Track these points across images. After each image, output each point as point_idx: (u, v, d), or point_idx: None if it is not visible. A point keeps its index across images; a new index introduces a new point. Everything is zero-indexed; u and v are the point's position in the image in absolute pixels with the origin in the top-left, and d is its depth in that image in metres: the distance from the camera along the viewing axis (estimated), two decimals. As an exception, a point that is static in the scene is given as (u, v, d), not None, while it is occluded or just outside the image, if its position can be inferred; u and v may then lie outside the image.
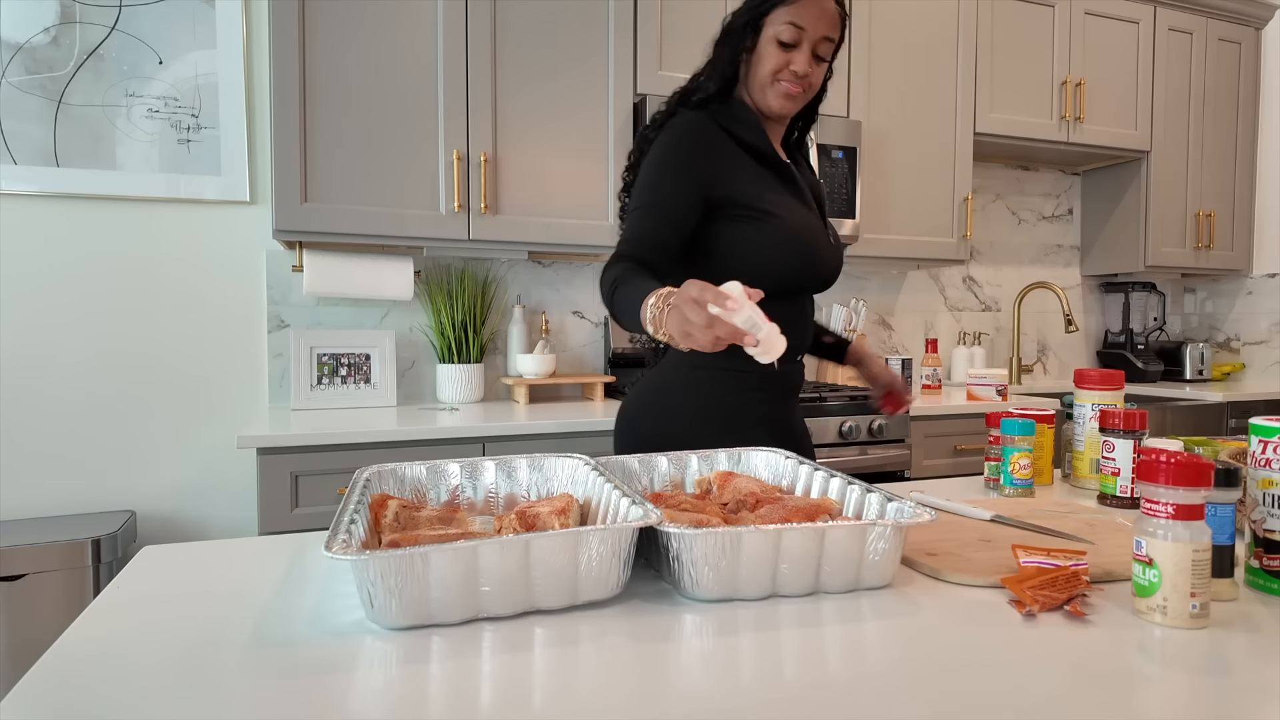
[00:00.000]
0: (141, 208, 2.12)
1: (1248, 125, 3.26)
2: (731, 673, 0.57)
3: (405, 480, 0.89)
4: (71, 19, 2.02)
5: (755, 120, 1.23)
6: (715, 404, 1.23)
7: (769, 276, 1.18)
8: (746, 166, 1.22)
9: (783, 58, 1.20)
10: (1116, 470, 1.10)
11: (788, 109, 1.23)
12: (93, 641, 0.62)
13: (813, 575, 0.72)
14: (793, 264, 1.21)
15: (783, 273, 1.20)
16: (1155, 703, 0.53)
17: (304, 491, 1.77)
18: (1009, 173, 3.23)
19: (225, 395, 2.20)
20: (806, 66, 1.20)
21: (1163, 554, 0.66)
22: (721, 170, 1.19)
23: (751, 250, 1.19)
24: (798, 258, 1.21)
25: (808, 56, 1.20)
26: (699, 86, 1.26)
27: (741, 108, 1.24)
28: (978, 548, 0.86)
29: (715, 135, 1.20)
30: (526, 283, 2.49)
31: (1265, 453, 0.74)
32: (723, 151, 1.20)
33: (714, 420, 1.22)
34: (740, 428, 1.23)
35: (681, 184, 1.17)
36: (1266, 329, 3.28)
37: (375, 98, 2.01)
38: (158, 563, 0.82)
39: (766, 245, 1.19)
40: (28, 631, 1.75)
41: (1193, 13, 3.09)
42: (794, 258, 1.21)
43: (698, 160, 1.18)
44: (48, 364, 2.05)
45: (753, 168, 1.23)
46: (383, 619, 0.64)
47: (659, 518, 0.69)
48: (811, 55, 1.21)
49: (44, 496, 2.05)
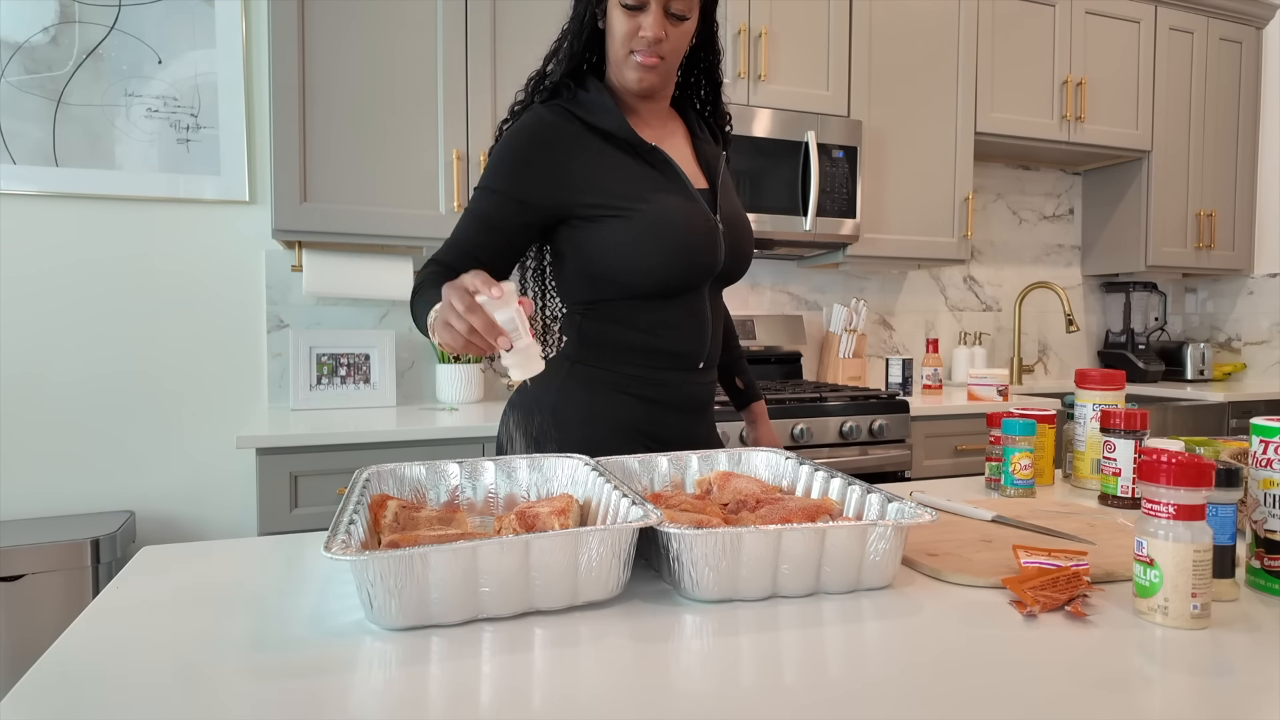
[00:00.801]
0: (141, 207, 2.12)
1: (1249, 125, 3.26)
2: (732, 673, 0.57)
3: (405, 480, 0.89)
4: (71, 19, 2.02)
5: (610, 104, 1.10)
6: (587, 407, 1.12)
7: (636, 275, 1.08)
8: (604, 158, 1.09)
9: (631, 24, 1.06)
10: (1118, 470, 1.10)
11: (647, 82, 1.10)
12: (92, 642, 0.62)
13: (813, 576, 0.72)
14: (663, 259, 1.07)
15: (652, 269, 1.08)
16: (1156, 703, 0.53)
17: (303, 492, 1.77)
18: (1010, 172, 3.23)
19: (224, 395, 2.20)
20: (658, 29, 1.05)
21: (1164, 554, 0.66)
22: (566, 169, 1.08)
23: (608, 250, 1.08)
24: (670, 252, 1.07)
25: (658, 18, 1.05)
26: (547, 73, 1.15)
27: (596, 91, 1.11)
28: (978, 548, 0.86)
29: (559, 131, 1.08)
30: (526, 282, 2.49)
31: (1266, 453, 0.74)
32: (569, 147, 1.08)
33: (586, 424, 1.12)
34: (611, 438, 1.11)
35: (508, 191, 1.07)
36: (1267, 329, 3.28)
37: (375, 97, 2.01)
38: (157, 563, 0.82)
39: (626, 242, 1.07)
40: (27, 631, 1.75)
41: (1193, 12, 3.09)
42: (664, 252, 1.07)
43: (531, 163, 1.07)
44: (47, 364, 2.05)
45: (612, 158, 1.09)
46: (382, 620, 0.64)
47: (659, 518, 0.69)
48: (664, 14, 1.06)
49: (44, 496, 2.05)
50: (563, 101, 1.11)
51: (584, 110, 1.10)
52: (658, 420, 1.15)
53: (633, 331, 1.12)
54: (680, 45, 1.10)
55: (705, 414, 1.21)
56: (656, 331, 1.12)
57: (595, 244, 1.09)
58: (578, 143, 1.09)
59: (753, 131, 2.33)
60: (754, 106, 2.35)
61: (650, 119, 1.17)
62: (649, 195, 1.08)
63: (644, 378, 1.13)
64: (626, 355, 1.12)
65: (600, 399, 1.12)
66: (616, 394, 1.12)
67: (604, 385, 1.12)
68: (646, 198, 1.08)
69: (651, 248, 1.07)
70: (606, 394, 1.12)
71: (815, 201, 2.38)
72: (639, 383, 1.13)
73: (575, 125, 1.09)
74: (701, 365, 1.16)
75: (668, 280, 1.09)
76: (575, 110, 1.10)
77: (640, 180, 1.09)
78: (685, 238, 1.08)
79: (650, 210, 1.07)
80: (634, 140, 1.09)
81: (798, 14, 2.44)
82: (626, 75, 1.10)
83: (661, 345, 1.12)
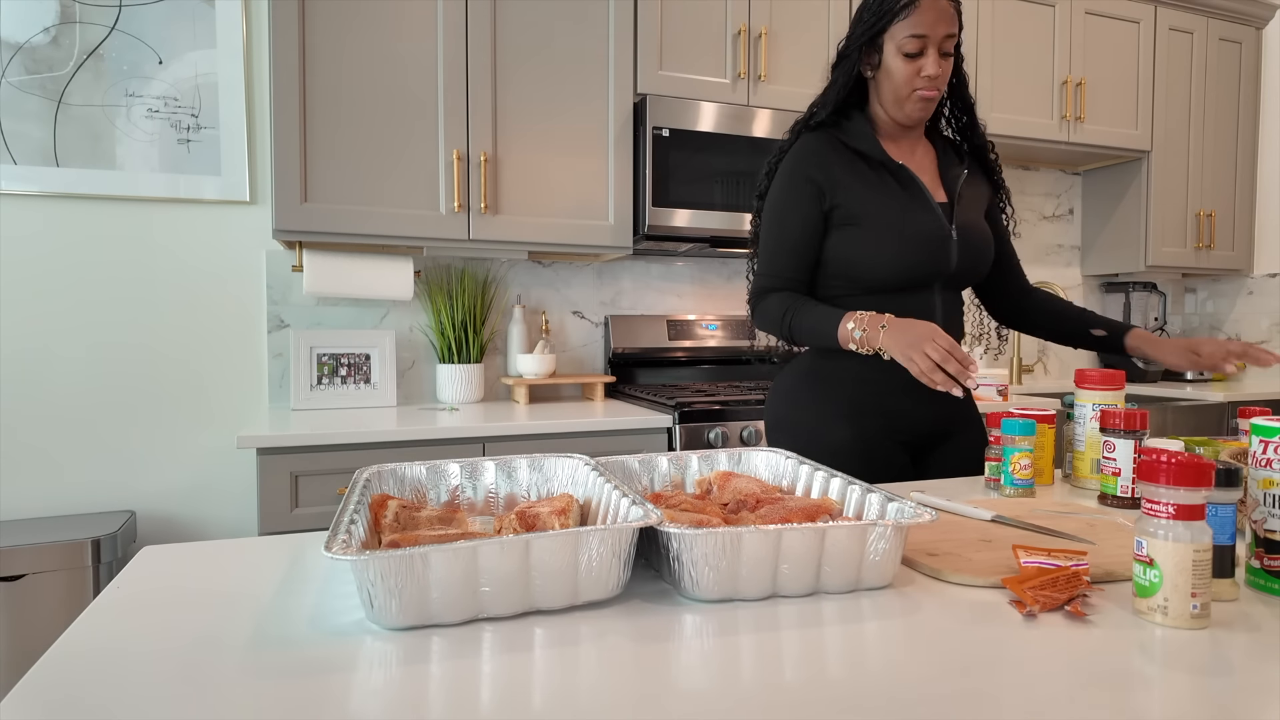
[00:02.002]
0: (141, 207, 2.12)
1: (1248, 125, 3.26)
2: (732, 673, 0.57)
3: (405, 480, 0.89)
4: (71, 19, 2.02)
5: (868, 131, 1.31)
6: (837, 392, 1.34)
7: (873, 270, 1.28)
8: (861, 174, 1.30)
9: (912, 67, 1.26)
10: (1117, 470, 1.10)
11: (928, 112, 1.30)
12: (93, 641, 0.62)
13: (813, 575, 0.72)
14: (894, 258, 1.27)
15: (886, 265, 1.27)
16: (1156, 703, 0.53)
17: (304, 492, 1.77)
18: (1010, 172, 3.23)
19: (225, 395, 2.20)
20: (936, 68, 1.25)
21: (1163, 554, 0.66)
22: (834, 177, 1.30)
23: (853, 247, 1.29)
24: (901, 252, 1.27)
25: (935, 59, 1.25)
26: (814, 112, 1.36)
27: (858, 121, 1.33)
28: (978, 548, 0.86)
29: (828, 147, 1.31)
30: (526, 283, 2.49)
31: (1266, 453, 0.74)
32: (835, 160, 1.30)
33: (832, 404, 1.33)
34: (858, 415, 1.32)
35: (801, 207, 1.31)
36: (1267, 329, 3.28)
37: (375, 97, 2.01)
38: (158, 563, 0.82)
39: (868, 241, 1.28)
40: (28, 631, 1.75)
41: (1193, 12, 3.09)
42: (897, 252, 1.27)
43: (811, 173, 1.30)
44: (47, 363, 2.05)
45: (865, 174, 1.31)
46: (382, 619, 0.64)
47: (659, 518, 0.69)
48: (939, 55, 1.26)
49: (44, 496, 2.05)
50: (828, 130, 1.34)
51: (845, 135, 1.33)
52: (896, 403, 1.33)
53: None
54: (948, 76, 1.30)
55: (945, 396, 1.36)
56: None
57: (844, 243, 1.30)
58: (837, 160, 1.31)
59: (753, 132, 2.32)
60: (754, 106, 2.35)
61: (903, 143, 1.37)
62: (889, 205, 1.29)
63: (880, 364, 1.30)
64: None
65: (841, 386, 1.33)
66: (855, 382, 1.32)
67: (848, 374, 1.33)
68: (887, 206, 1.28)
69: (887, 248, 1.27)
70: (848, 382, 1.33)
71: (815, 201, 2.38)
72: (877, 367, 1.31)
73: (840, 146, 1.32)
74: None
75: (897, 276, 1.29)
76: (837, 134, 1.33)
77: (884, 192, 1.30)
78: (918, 242, 1.28)
79: (891, 217, 1.28)
80: (884, 159, 1.30)
81: (798, 14, 2.44)
82: (910, 110, 1.30)
83: None
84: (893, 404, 1.34)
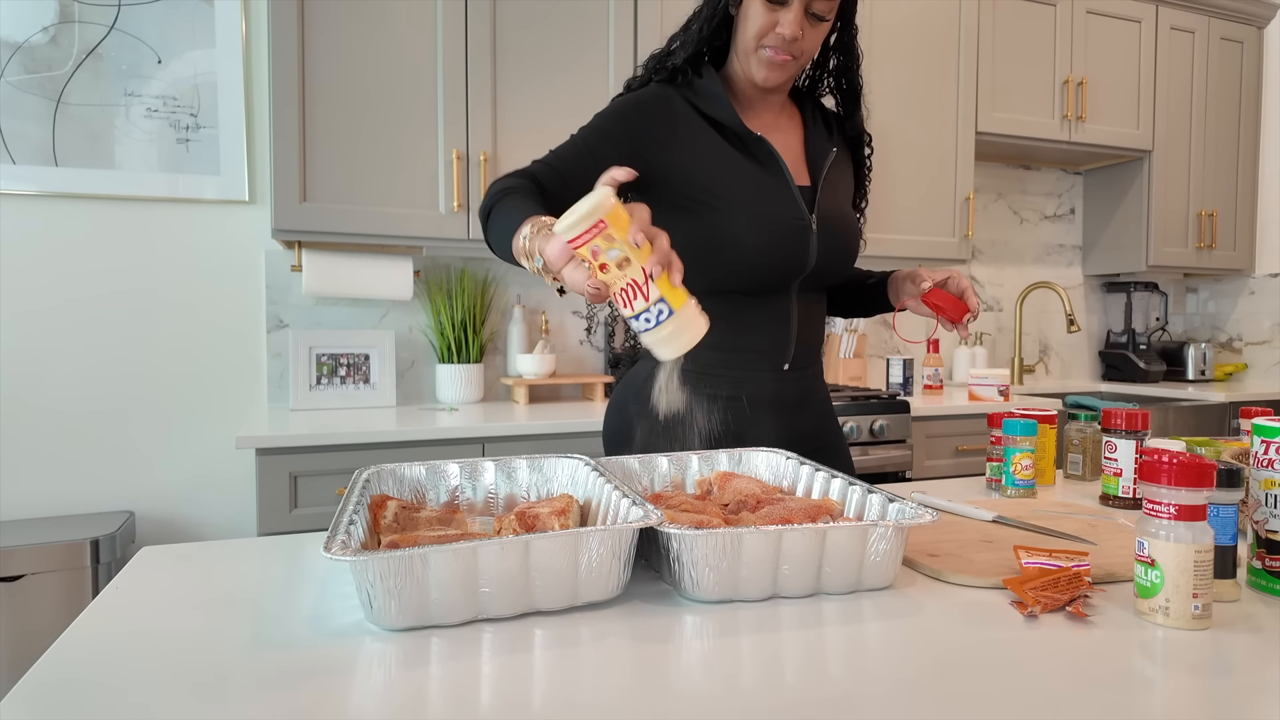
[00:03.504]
0: (140, 207, 2.11)
1: (1250, 124, 3.26)
2: (732, 674, 0.57)
3: (404, 481, 0.89)
4: (70, 18, 2.02)
5: (721, 93, 1.09)
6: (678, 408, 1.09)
7: (719, 269, 1.06)
8: (707, 144, 1.08)
9: (768, 18, 1.04)
10: (1119, 471, 1.09)
11: (774, 79, 1.08)
12: (92, 642, 0.62)
13: (814, 576, 0.72)
14: (747, 255, 1.06)
15: (735, 264, 1.06)
16: (1157, 704, 0.53)
17: (303, 492, 1.77)
18: (1011, 172, 3.23)
19: (224, 395, 2.20)
20: (796, 28, 1.03)
21: (1165, 555, 0.66)
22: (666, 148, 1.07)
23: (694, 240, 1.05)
24: (754, 249, 1.05)
25: (799, 15, 1.03)
26: (674, 51, 1.13)
27: (710, 79, 1.10)
28: (979, 549, 0.86)
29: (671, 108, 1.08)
30: (526, 282, 2.49)
31: (1267, 453, 0.74)
32: (674, 127, 1.08)
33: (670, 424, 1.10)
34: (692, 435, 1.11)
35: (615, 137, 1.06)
36: (1269, 329, 3.28)
37: (375, 97, 2.01)
38: (157, 563, 0.82)
39: (712, 235, 1.05)
40: (27, 631, 1.75)
41: (1195, 12, 3.09)
42: (748, 248, 1.05)
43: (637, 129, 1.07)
44: (46, 363, 2.05)
45: (715, 146, 1.08)
46: (382, 620, 0.63)
47: (659, 518, 0.69)
48: (804, 14, 1.04)
49: (43, 496, 2.05)
50: (678, 87, 1.11)
51: (695, 96, 1.09)
52: (742, 419, 1.12)
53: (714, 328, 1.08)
54: (814, 46, 1.08)
55: (803, 410, 1.17)
56: (737, 330, 1.10)
57: (680, 232, 1.02)
58: (685, 124, 1.08)
59: (753, 131, 2.32)
60: (754, 106, 2.35)
61: (763, 110, 1.15)
62: (743, 187, 1.06)
63: (723, 377, 1.11)
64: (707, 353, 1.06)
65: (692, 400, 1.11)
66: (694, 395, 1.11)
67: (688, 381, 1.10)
68: (739, 190, 1.06)
69: (735, 243, 1.05)
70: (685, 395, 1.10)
71: (816, 201, 2.37)
72: (718, 382, 1.11)
73: (687, 109, 1.09)
74: (787, 366, 1.13)
75: (749, 278, 1.08)
76: (688, 95, 1.10)
77: (738, 171, 1.07)
78: (771, 237, 1.06)
79: (740, 204, 1.06)
80: (740, 130, 1.08)
81: (798, 14, 2.43)
82: (754, 70, 1.08)
83: (742, 344, 1.11)
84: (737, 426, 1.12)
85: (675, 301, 0.72)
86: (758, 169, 1.08)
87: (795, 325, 1.13)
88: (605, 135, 1.07)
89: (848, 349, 2.76)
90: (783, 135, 1.16)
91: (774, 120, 1.16)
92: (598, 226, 0.68)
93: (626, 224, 0.69)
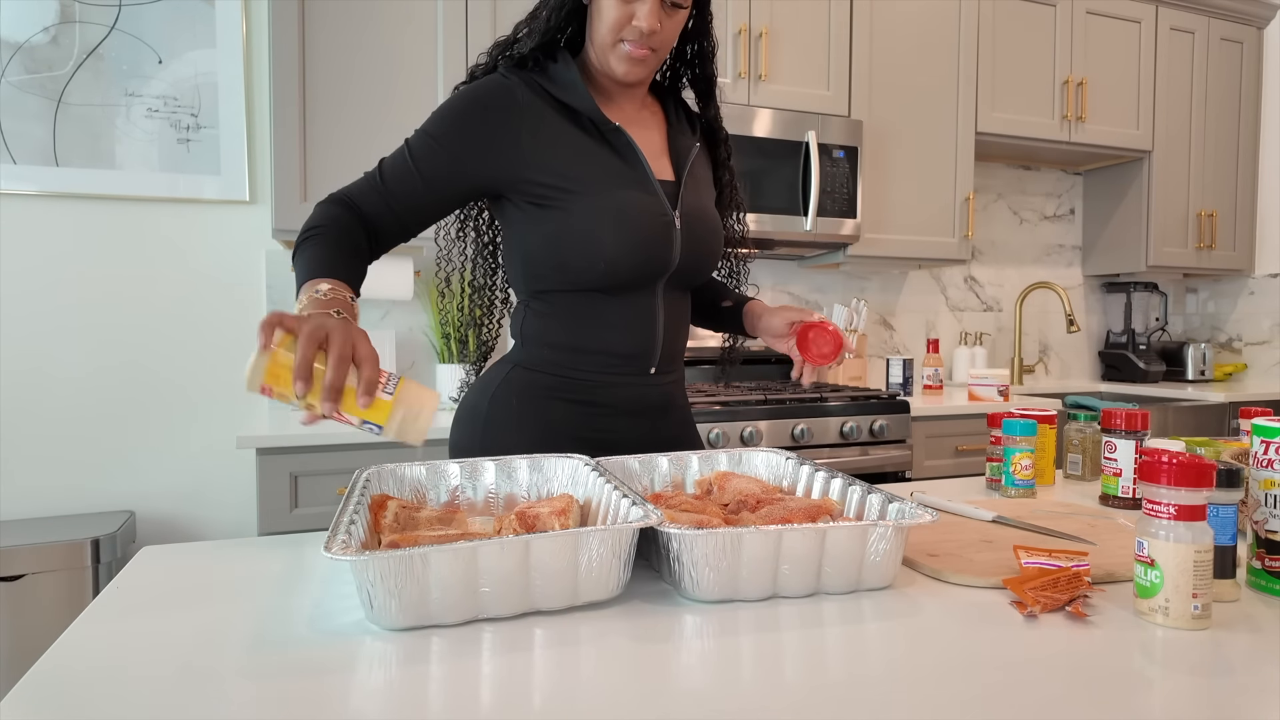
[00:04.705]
0: (141, 207, 2.12)
1: (1249, 125, 3.26)
2: (732, 674, 0.57)
3: (405, 480, 0.89)
4: (71, 18, 2.02)
5: (577, 80, 1.02)
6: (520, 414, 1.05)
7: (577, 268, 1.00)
8: (561, 134, 1.01)
9: (623, 10, 0.97)
10: (1118, 471, 1.10)
11: (635, 75, 1.02)
12: (92, 642, 0.62)
13: (814, 576, 0.72)
14: (607, 252, 0.99)
15: (593, 262, 1.00)
16: (1157, 704, 0.53)
17: (303, 492, 1.77)
18: (1010, 172, 3.23)
19: (225, 395, 2.20)
20: (654, 20, 0.97)
21: (1165, 555, 0.66)
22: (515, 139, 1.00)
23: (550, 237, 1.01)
24: (615, 244, 0.99)
25: (655, 9, 0.97)
26: (517, 37, 1.06)
27: (565, 65, 1.03)
28: (979, 548, 0.86)
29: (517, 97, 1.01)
30: (527, 282, 2.49)
31: (1267, 453, 0.74)
32: (523, 116, 1.00)
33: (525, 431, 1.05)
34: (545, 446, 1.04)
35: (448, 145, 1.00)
36: (1268, 329, 3.28)
37: (375, 97, 2.01)
38: (157, 563, 0.82)
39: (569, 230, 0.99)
40: (27, 631, 1.75)
41: (1194, 12, 3.09)
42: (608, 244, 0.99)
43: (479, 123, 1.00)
44: (47, 363, 2.05)
45: (570, 136, 1.01)
46: (382, 620, 0.64)
47: (659, 518, 0.69)
48: (660, 4, 0.98)
49: (44, 496, 2.05)
50: (528, 72, 1.04)
51: (549, 83, 1.02)
52: (602, 426, 1.06)
53: (574, 329, 1.04)
54: (672, 37, 1.02)
55: (666, 417, 1.12)
56: (599, 331, 1.04)
57: (538, 228, 1.01)
58: (534, 113, 1.01)
59: (753, 131, 2.32)
60: (754, 106, 2.35)
61: (624, 103, 1.09)
62: (601, 180, 1.00)
63: (584, 380, 1.05)
64: (568, 355, 1.05)
65: (535, 404, 1.05)
66: (551, 399, 1.05)
67: (540, 390, 1.05)
68: (598, 183, 1.00)
69: (595, 239, 0.99)
70: (541, 399, 1.05)
71: (816, 201, 2.38)
72: (578, 386, 1.05)
73: (537, 97, 1.02)
74: (653, 370, 1.08)
75: (611, 276, 1.01)
76: (541, 81, 1.02)
77: (595, 163, 1.01)
78: (633, 232, 1.00)
79: (599, 197, 0.99)
80: (597, 118, 1.01)
81: (798, 14, 2.43)
82: (612, 65, 1.02)
83: (604, 346, 1.04)
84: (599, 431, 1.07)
85: (376, 415, 0.73)
86: (618, 163, 1.02)
87: (661, 327, 1.07)
88: (439, 144, 1.01)
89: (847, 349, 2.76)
90: (644, 130, 1.10)
91: (635, 114, 1.10)
92: (265, 390, 0.71)
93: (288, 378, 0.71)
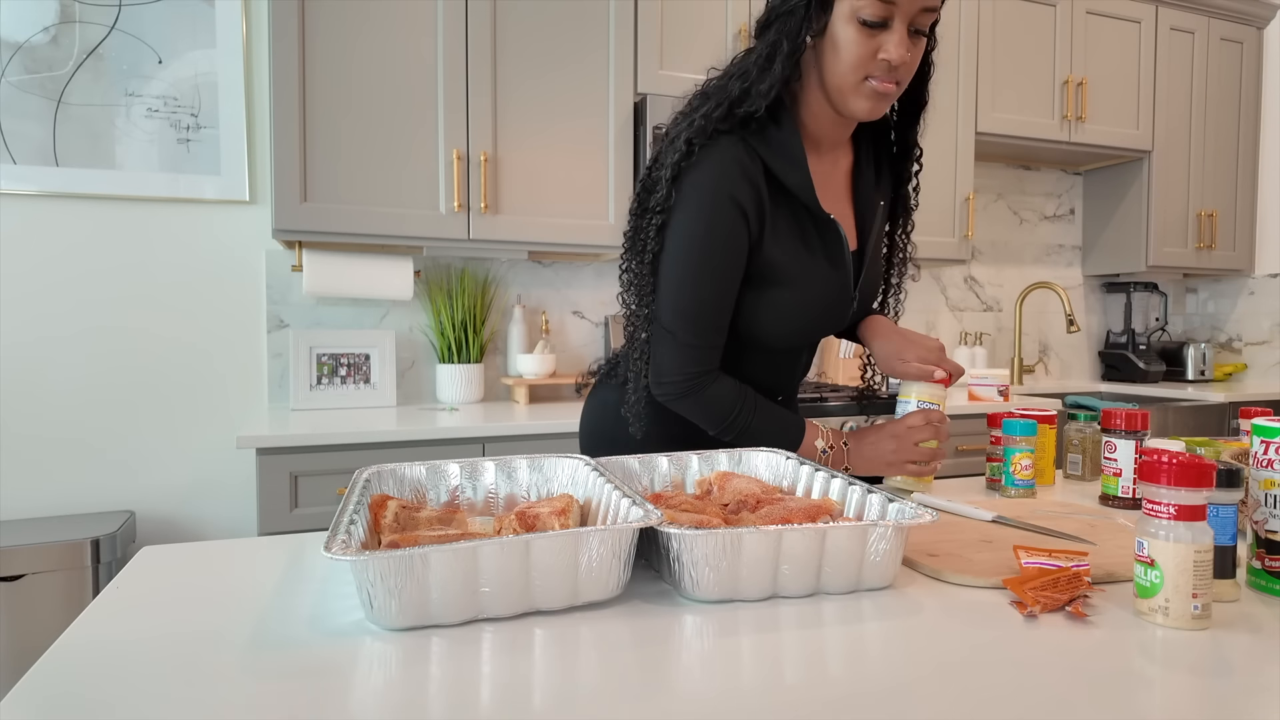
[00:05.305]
0: (141, 207, 2.12)
1: (1249, 125, 3.26)
2: (732, 674, 0.57)
3: (405, 481, 0.89)
4: (71, 18, 2.02)
5: (799, 153, 0.98)
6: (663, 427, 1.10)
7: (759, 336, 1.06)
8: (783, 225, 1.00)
9: (869, 44, 0.90)
10: (1118, 471, 1.10)
11: (879, 112, 0.95)
12: (92, 642, 0.62)
13: (814, 576, 0.72)
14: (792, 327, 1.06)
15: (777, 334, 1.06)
16: (1157, 704, 0.53)
17: (303, 492, 1.77)
18: (1010, 172, 3.23)
19: (224, 395, 2.20)
20: (902, 51, 0.89)
21: (1164, 555, 0.66)
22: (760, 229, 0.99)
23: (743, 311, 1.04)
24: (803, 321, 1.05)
25: (902, 38, 0.89)
26: (751, 94, 0.96)
27: (789, 132, 0.97)
28: (979, 548, 0.86)
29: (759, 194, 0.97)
30: (526, 283, 2.49)
31: (1267, 453, 0.74)
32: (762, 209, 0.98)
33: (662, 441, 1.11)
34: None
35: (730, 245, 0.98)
36: (1268, 329, 3.28)
37: (375, 97, 2.01)
38: (157, 563, 0.82)
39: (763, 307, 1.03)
40: (27, 631, 1.75)
41: (1194, 12, 3.09)
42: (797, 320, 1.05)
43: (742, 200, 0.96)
44: (47, 363, 2.05)
45: (789, 226, 1.01)
46: (382, 620, 0.64)
47: (659, 518, 0.69)
48: (908, 33, 0.91)
49: (44, 497, 2.05)
50: (751, 137, 0.97)
51: (771, 156, 0.98)
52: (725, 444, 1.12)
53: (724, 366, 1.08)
54: (915, 67, 0.95)
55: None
56: (746, 370, 1.10)
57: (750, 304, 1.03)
58: (769, 207, 0.99)
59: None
60: (754, 106, 2.35)
61: (827, 150, 1.06)
62: (810, 273, 1.03)
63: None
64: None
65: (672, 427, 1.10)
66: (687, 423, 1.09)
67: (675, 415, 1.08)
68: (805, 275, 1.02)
69: (785, 318, 1.04)
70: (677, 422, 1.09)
71: (816, 201, 2.37)
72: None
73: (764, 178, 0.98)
74: (781, 399, 1.17)
75: (787, 342, 1.08)
76: (763, 154, 0.97)
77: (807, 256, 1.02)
78: (819, 317, 1.06)
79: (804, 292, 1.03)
80: (814, 208, 1.00)
81: (798, 14, 2.43)
82: (853, 105, 0.94)
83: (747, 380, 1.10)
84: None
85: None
86: (825, 255, 1.04)
87: (803, 366, 1.18)
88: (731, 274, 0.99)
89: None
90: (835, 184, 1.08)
91: (834, 164, 1.08)
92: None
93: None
